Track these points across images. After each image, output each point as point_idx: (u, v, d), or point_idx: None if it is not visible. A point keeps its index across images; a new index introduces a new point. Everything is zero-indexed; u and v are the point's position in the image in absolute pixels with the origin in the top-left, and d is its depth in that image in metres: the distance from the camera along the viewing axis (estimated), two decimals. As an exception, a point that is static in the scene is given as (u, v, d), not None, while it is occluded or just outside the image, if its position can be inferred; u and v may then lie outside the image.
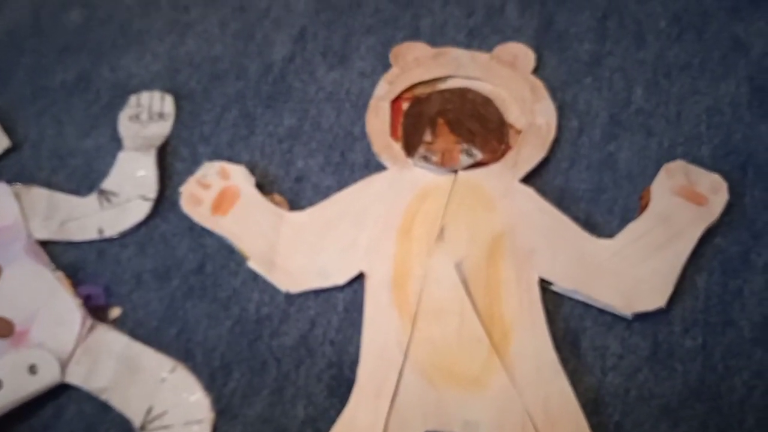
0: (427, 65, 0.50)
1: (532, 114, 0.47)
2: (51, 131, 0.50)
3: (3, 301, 0.42)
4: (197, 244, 0.45)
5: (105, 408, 0.40)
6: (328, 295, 0.43)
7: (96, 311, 0.42)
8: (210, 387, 0.40)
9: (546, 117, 0.47)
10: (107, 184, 0.47)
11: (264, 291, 0.43)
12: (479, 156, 0.45)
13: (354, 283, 0.43)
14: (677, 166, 0.44)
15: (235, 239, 0.44)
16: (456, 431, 0.38)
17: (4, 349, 0.40)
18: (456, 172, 0.45)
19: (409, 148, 0.46)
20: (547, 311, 0.40)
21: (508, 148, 0.46)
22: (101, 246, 0.45)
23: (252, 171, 0.46)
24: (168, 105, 0.50)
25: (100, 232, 0.45)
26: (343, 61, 0.52)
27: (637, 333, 0.40)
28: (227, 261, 0.44)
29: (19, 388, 0.39)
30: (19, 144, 0.50)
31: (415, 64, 0.50)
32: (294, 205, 0.46)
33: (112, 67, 0.53)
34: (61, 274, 0.43)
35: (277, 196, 0.46)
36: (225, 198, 0.45)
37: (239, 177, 0.46)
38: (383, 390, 0.39)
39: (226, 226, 0.44)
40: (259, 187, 0.46)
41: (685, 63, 0.49)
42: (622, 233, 0.42)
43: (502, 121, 0.47)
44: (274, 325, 0.42)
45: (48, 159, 0.49)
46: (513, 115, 0.48)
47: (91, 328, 0.41)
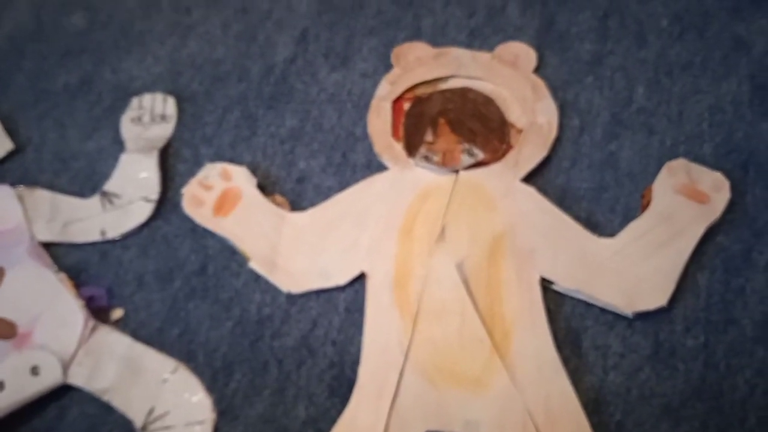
0: (428, 65, 0.50)
1: (533, 113, 0.47)
2: (53, 134, 0.51)
3: (6, 303, 0.42)
4: (199, 246, 0.45)
5: (107, 409, 0.40)
6: (330, 295, 0.43)
7: (98, 312, 0.43)
8: (212, 387, 0.40)
9: (547, 116, 0.47)
10: (110, 186, 0.47)
11: (266, 292, 0.43)
12: (480, 156, 0.45)
13: (355, 283, 0.43)
14: (679, 164, 0.44)
15: (237, 240, 0.44)
16: (457, 431, 0.38)
17: (7, 351, 0.41)
18: (457, 171, 0.45)
19: (411, 148, 0.46)
20: (549, 310, 0.40)
21: (509, 148, 0.46)
22: (104, 248, 0.46)
23: (254, 172, 0.46)
24: (170, 107, 0.50)
25: (103, 233, 0.46)
26: (345, 62, 0.52)
27: (638, 332, 0.40)
28: (229, 262, 0.44)
29: (22, 390, 0.39)
30: (22, 147, 0.50)
31: (416, 64, 0.50)
32: (296, 206, 0.46)
33: (114, 69, 0.53)
34: (63, 276, 0.44)
35: (278, 197, 0.46)
36: (227, 199, 0.45)
37: (241, 178, 0.46)
38: (384, 390, 0.39)
39: (228, 227, 0.44)
40: (261, 188, 0.46)
41: (687, 62, 0.49)
42: (624, 232, 0.42)
43: (503, 121, 0.47)
44: (275, 325, 0.42)
45: (51, 161, 0.49)
46: (514, 114, 0.48)
47: (94, 329, 0.42)
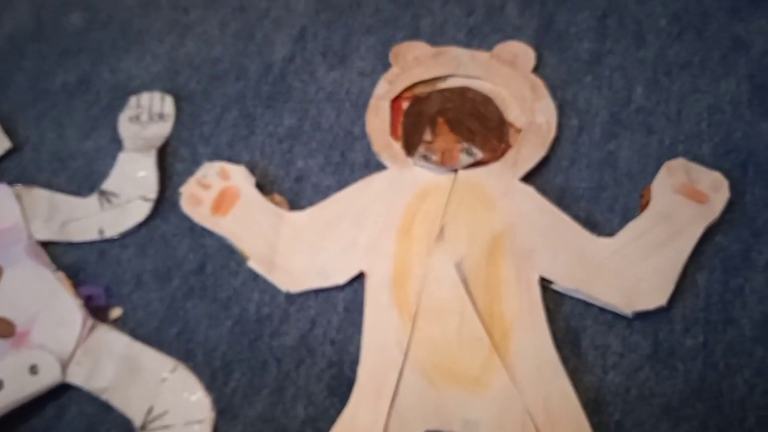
0: (427, 64, 0.50)
1: (532, 113, 0.47)
2: (52, 133, 0.50)
3: (4, 302, 0.42)
4: (197, 245, 0.45)
5: (106, 408, 0.40)
6: (329, 294, 0.43)
7: (97, 312, 0.43)
8: (211, 387, 0.40)
9: (546, 116, 0.47)
10: (108, 185, 0.47)
11: (264, 291, 0.43)
12: (479, 155, 0.45)
13: (354, 282, 0.43)
14: (678, 164, 0.44)
15: (235, 239, 0.44)
16: (456, 431, 0.38)
17: (6, 350, 0.40)
18: (456, 171, 0.45)
19: (409, 148, 0.46)
20: (548, 310, 0.40)
21: (508, 147, 0.46)
22: (102, 247, 0.45)
23: (252, 171, 0.46)
24: (168, 106, 0.50)
25: (101, 232, 0.45)
26: (343, 61, 0.52)
27: (637, 332, 0.40)
28: (227, 261, 0.44)
29: (21, 389, 0.39)
30: (20, 146, 0.50)
31: (415, 64, 0.50)
32: (294, 205, 0.46)
33: (112, 68, 0.53)
34: (62, 275, 0.43)
35: (277, 196, 0.46)
36: (225, 198, 0.45)
37: (239, 177, 0.46)
38: (383, 389, 0.39)
39: (226, 227, 0.44)
40: (259, 187, 0.46)
41: (686, 61, 0.49)
42: (623, 232, 0.42)
43: (502, 120, 0.47)
44: (274, 324, 0.42)
45: (49, 160, 0.49)
46: (513, 113, 0.47)
47: (92, 328, 0.41)
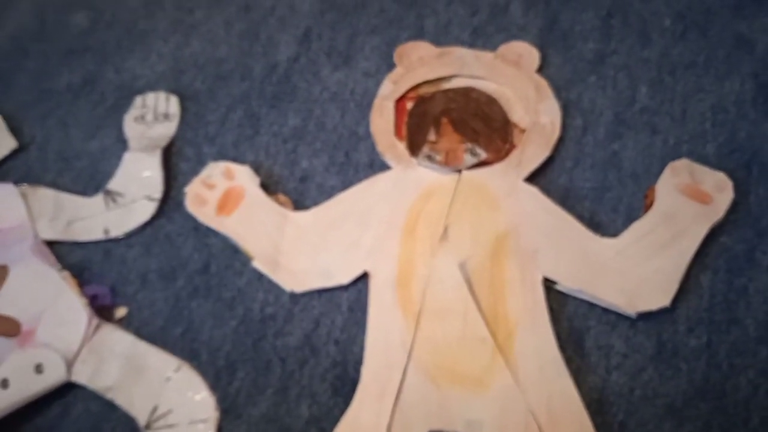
0: (431, 65, 0.50)
1: (536, 113, 0.47)
2: (57, 133, 0.51)
3: (10, 301, 0.42)
4: (202, 244, 0.45)
5: (111, 407, 0.40)
6: (332, 294, 0.43)
7: (102, 311, 0.43)
8: (215, 386, 0.40)
9: (550, 116, 0.47)
10: (113, 184, 0.47)
11: (268, 291, 0.43)
12: (483, 155, 0.45)
13: (358, 282, 0.43)
14: (682, 164, 0.44)
15: (240, 239, 0.44)
16: (459, 431, 0.38)
17: (11, 349, 0.41)
18: (460, 171, 0.45)
19: (414, 148, 0.46)
20: (551, 310, 0.40)
21: (512, 148, 0.46)
22: (107, 246, 0.46)
23: (257, 171, 0.46)
24: (173, 106, 0.50)
25: (106, 232, 0.46)
26: (348, 61, 0.52)
27: (641, 332, 0.40)
28: (232, 261, 0.44)
29: (26, 387, 0.40)
30: (25, 145, 0.50)
31: (419, 64, 0.50)
32: (298, 205, 0.46)
33: (117, 68, 0.53)
34: (67, 274, 0.44)
35: (281, 196, 0.46)
36: (230, 198, 0.45)
37: (244, 177, 0.46)
38: (387, 389, 0.39)
39: (231, 226, 0.44)
40: (264, 187, 0.46)
41: (690, 61, 0.49)
42: (627, 232, 0.42)
43: (506, 120, 0.47)
44: (278, 324, 0.42)
45: (54, 160, 0.49)
46: (517, 114, 0.47)
47: (97, 327, 0.42)
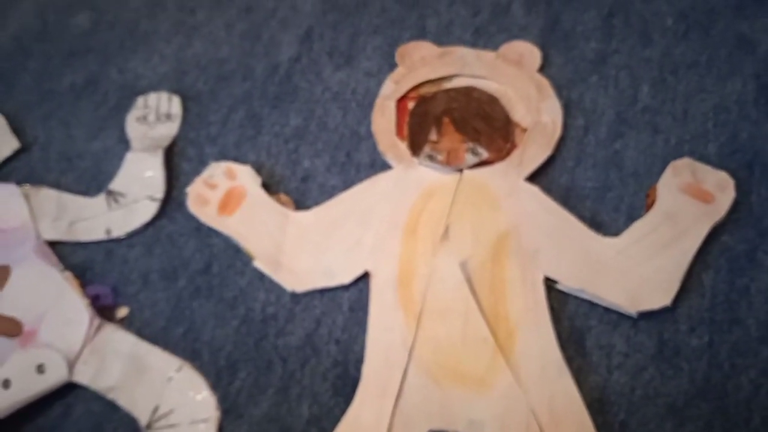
0: (432, 64, 0.50)
1: (537, 112, 0.47)
2: (59, 133, 0.51)
3: (12, 301, 0.43)
4: (204, 244, 0.45)
5: (112, 407, 0.40)
6: (334, 294, 0.43)
7: (103, 311, 0.43)
8: (216, 386, 0.40)
9: (552, 115, 0.47)
10: (115, 184, 0.47)
11: (270, 291, 0.43)
12: (485, 155, 0.45)
13: (359, 282, 0.43)
14: (684, 163, 0.44)
15: (242, 239, 0.44)
16: (460, 430, 0.38)
17: (13, 349, 0.41)
18: (461, 171, 0.45)
19: (415, 147, 0.46)
20: (552, 310, 0.40)
21: (513, 147, 0.46)
22: (109, 246, 0.46)
23: (258, 171, 0.47)
24: (175, 106, 0.50)
25: (108, 232, 0.46)
26: (350, 61, 0.52)
27: (642, 331, 0.40)
28: (234, 261, 0.44)
29: (28, 388, 0.40)
30: (28, 146, 0.50)
31: (420, 64, 0.50)
32: (300, 205, 0.46)
33: (120, 69, 0.53)
34: (69, 275, 0.44)
35: (283, 196, 0.46)
36: (231, 198, 0.45)
37: (245, 177, 0.46)
38: (388, 389, 0.39)
39: (233, 226, 0.45)
40: (266, 187, 0.46)
41: (692, 61, 0.49)
42: (628, 231, 0.42)
43: (507, 120, 0.47)
44: (279, 324, 0.42)
45: (56, 160, 0.50)
46: (519, 113, 0.47)
47: (99, 327, 0.42)
